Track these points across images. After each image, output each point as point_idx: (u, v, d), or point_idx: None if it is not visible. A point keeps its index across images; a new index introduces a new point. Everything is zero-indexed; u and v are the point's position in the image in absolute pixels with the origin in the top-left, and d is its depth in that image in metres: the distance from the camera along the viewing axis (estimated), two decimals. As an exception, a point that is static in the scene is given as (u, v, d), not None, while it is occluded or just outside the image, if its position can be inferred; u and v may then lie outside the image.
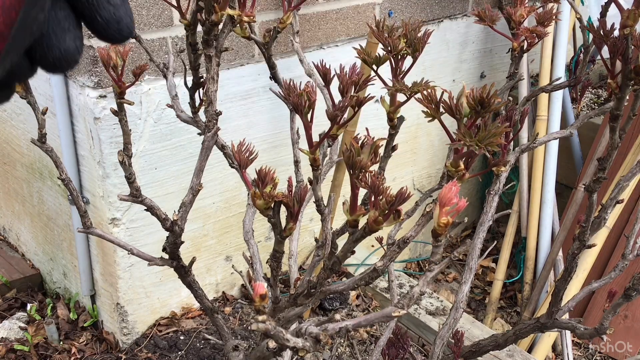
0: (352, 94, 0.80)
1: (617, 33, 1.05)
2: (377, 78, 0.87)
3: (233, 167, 1.40)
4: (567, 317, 1.52)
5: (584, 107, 2.98)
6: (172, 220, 1.14)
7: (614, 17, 1.12)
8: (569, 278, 1.31)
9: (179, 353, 2.05)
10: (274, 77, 1.68)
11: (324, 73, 0.84)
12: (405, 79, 0.89)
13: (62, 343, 2.13)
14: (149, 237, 1.96)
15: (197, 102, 1.31)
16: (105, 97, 1.73)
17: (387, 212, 0.70)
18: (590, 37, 1.12)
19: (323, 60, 0.87)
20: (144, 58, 1.73)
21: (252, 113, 2.04)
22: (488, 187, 1.35)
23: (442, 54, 2.49)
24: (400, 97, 0.93)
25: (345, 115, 0.79)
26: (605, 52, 1.08)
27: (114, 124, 1.75)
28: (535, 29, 1.18)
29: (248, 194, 1.42)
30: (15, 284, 2.37)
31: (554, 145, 2.52)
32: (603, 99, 3.02)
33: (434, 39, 2.42)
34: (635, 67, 1.03)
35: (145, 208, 1.15)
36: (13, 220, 2.50)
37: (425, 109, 0.71)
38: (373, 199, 0.71)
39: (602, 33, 1.06)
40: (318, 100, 0.80)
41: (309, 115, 0.78)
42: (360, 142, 0.73)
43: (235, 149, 0.84)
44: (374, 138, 0.74)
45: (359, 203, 0.77)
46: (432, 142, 2.65)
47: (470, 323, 2.23)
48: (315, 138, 0.81)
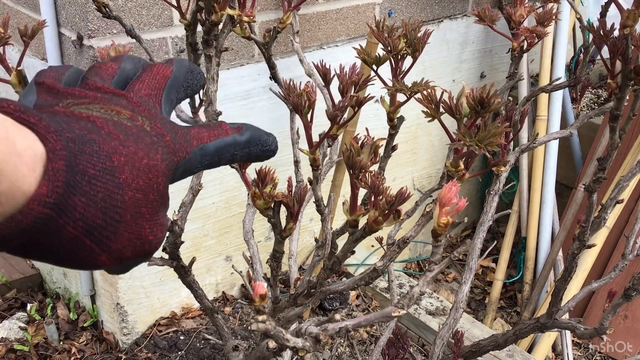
0: (352, 94, 0.80)
1: (617, 33, 1.05)
2: (377, 78, 0.87)
3: (233, 167, 1.40)
4: (567, 317, 1.52)
5: (584, 107, 2.98)
6: (172, 220, 1.14)
7: (614, 17, 1.12)
8: (569, 278, 1.31)
9: (179, 353, 2.05)
10: (274, 77, 1.68)
11: (324, 73, 0.84)
12: (405, 79, 0.89)
13: (62, 343, 2.13)
14: (149, 237, 1.96)
15: (197, 102, 1.31)
16: (105, 97, 1.73)
17: (387, 212, 0.70)
18: (590, 37, 1.12)
19: (323, 60, 0.87)
20: (144, 58, 1.73)
21: (252, 113, 2.04)
22: (488, 187, 1.35)
23: (442, 54, 2.49)
24: (400, 97, 0.93)
25: (345, 115, 0.79)
26: (605, 52, 1.08)
27: (114, 124, 1.75)
28: (535, 29, 1.18)
29: (248, 194, 1.42)
30: (15, 284, 2.37)
31: (554, 145, 2.52)
32: (603, 99, 3.02)
33: (434, 39, 2.42)
34: (635, 67, 1.03)
35: (145, 208, 1.15)
36: (13, 220, 2.50)
37: (425, 109, 0.71)
38: (373, 199, 0.71)
39: (602, 33, 1.06)
40: (318, 100, 0.80)
41: (309, 115, 0.78)
42: (360, 142, 0.73)
43: (235, 149, 0.84)
44: (374, 138, 0.74)
45: (359, 203, 0.77)
46: (432, 142, 2.65)
47: (470, 323, 2.23)
48: (315, 138, 0.81)
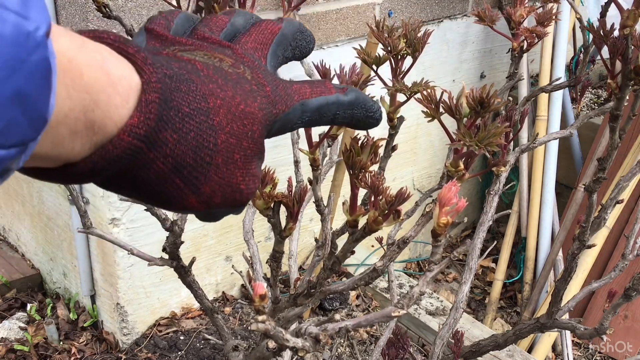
0: (352, 94, 0.80)
1: (617, 33, 1.05)
2: (376, 78, 0.87)
3: (233, 167, 1.40)
4: (567, 317, 1.52)
5: (584, 107, 2.98)
6: (172, 221, 1.15)
7: (614, 17, 1.12)
8: (569, 278, 1.31)
9: (179, 353, 2.05)
10: (274, 77, 1.67)
11: (324, 73, 0.84)
12: (405, 79, 0.89)
13: (62, 343, 2.13)
14: (149, 237, 1.96)
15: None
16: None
17: (387, 212, 0.70)
18: (590, 37, 1.12)
19: (323, 60, 0.87)
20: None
21: (252, 113, 2.04)
22: (488, 187, 1.35)
23: (442, 54, 2.49)
24: (400, 97, 0.93)
25: (345, 115, 0.79)
26: (605, 52, 1.08)
27: (114, 124, 1.75)
28: (535, 29, 1.18)
29: (248, 194, 1.42)
30: (15, 284, 2.37)
31: (554, 145, 2.52)
32: (603, 99, 3.02)
33: (434, 39, 2.42)
34: (635, 67, 1.03)
35: (145, 208, 1.15)
36: (13, 220, 2.50)
37: (425, 109, 0.71)
38: (373, 199, 0.71)
39: (602, 33, 1.06)
40: (318, 100, 0.80)
41: (309, 115, 0.78)
42: (360, 142, 0.73)
43: (235, 149, 0.84)
44: (374, 138, 0.74)
45: (359, 203, 0.77)
46: (432, 142, 2.65)
47: (470, 323, 2.23)
48: (315, 138, 0.81)
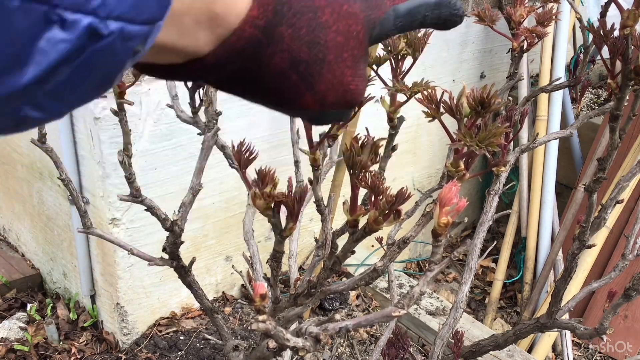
0: (352, 94, 0.80)
1: (617, 33, 1.05)
2: (377, 78, 0.87)
3: (233, 167, 1.40)
4: (567, 317, 1.52)
5: (584, 107, 2.98)
6: (172, 221, 1.14)
7: (614, 17, 1.12)
8: (569, 278, 1.31)
9: (179, 353, 2.05)
10: (274, 77, 1.68)
11: (324, 73, 0.84)
12: (406, 79, 0.89)
13: (62, 343, 2.13)
14: (149, 237, 1.96)
15: (197, 102, 1.31)
16: (105, 97, 1.73)
17: (387, 212, 0.70)
18: (590, 37, 1.12)
19: (323, 60, 0.87)
20: (144, 58, 1.73)
21: (252, 113, 2.04)
22: (488, 187, 1.35)
23: (442, 54, 2.49)
24: (401, 97, 0.93)
25: (346, 115, 0.79)
26: (605, 52, 1.08)
27: (114, 124, 1.75)
28: (535, 29, 1.18)
29: (248, 194, 1.42)
30: (15, 284, 2.37)
31: (554, 145, 2.52)
32: (603, 99, 3.02)
33: (434, 39, 2.41)
34: (635, 67, 1.03)
35: (145, 208, 1.15)
36: (13, 220, 2.50)
37: (426, 109, 0.71)
38: (373, 199, 0.71)
39: (602, 33, 1.06)
40: (318, 100, 0.80)
41: (309, 115, 0.78)
42: (361, 142, 0.73)
43: (235, 149, 0.84)
44: (374, 138, 0.74)
45: (359, 203, 0.77)
46: (432, 142, 2.65)
47: (470, 323, 2.23)
48: (315, 138, 0.81)
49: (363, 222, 0.77)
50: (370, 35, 0.46)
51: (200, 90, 1.28)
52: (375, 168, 0.80)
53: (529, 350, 2.34)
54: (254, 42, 0.39)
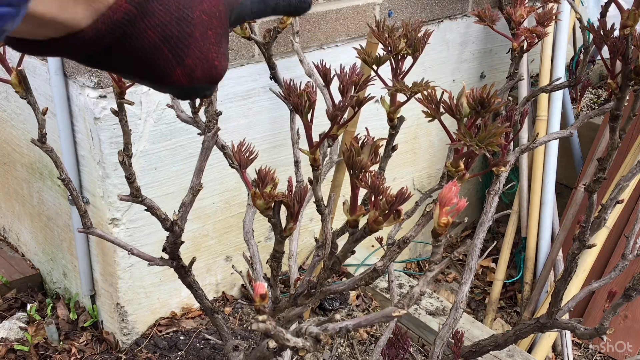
0: (352, 94, 0.80)
1: (617, 33, 1.05)
2: (377, 78, 0.87)
3: (233, 167, 1.40)
4: (567, 317, 1.52)
5: (584, 107, 2.98)
6: (172, 220, 1.15)
7: (614, 17, 1.12)
8: (569, 278, 1.31)
9: (179, 353, 2.05)
10: (274, 77, 1.68)
11: (324, 73, 0.84)
12: (406, 79, 0.89)
13: (62, 343, 2.13)
14: (149, 237, 1.96)
15: (197, 102, 1.31)
16: (105, 97, 1.73)
17: (387, 212, 0.70)
18: (590, 37, 1.12)
19: (323, 60, 0.87)
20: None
21: (252, 113, 2.04)
22: (488, 187, 1.35)
23: (442, 54, 2.49)
24: (401, 97, 0.93)
25: (345, 115, 0.79)
26: (605, 52, 1.08)
27: (114, 124, 1.75)
28: (535, 29, 1.18)
29: (248, 194, 1.42)
30: (15, 284, 2.37)
31: (554, 145, 2.52)
32: (603, 99, 3.03)
33: (434, 39, 2.42)
34: (635, 67, 1.03)
35: (145, 208, 1.15)
36: (13, 221, 2.50)
37: (426, 109, 0.71)
38: (373, 199, 0.71)
39: (602, 33, 1.06)
40: (318, 100, 0.80)
41: (309, 116, 0.78)
42: (361, 142, 0.73)
43: (235, 149, 0.84)
44: (374, 138, 0.74)
45: (359, 203, 0.77)
46: (432, 142, 2.65)
47: (470, 323, 2.23)
48: (315, 138, 0.81)
49: (363, 222, 0.77)
50: (230, 17, 0.51)
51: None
52: (375, 168, 0.80)
53: (529, 350, 2.34)
54: (130, 16, 0.43)
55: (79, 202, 1.19)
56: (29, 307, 2.29)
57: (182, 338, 2.10)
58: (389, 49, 0.89)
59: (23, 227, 2.44)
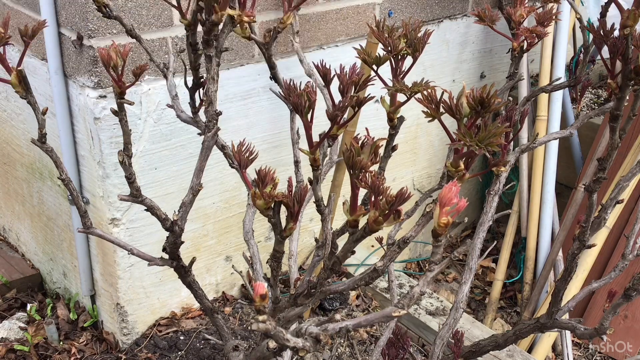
0: (352, 94, 0.80)
1: (617, 33, 1.05)
2: (377, 78, 0.87)
3: (233, 167, 1.40)
4: (567, 317, 1.52)
5: (584, 107, 2.98)
6: (172, 220, 1.15)
7: (614, 17, 1.12)
8: (569, 278, 1.31)
9: (179, 353, 2.05)
10: (274, 77, 1.68)
11: (324, 73, 0.84)
12: (406, 79, 0.90)
13: (62, 343, 2.13)
14: (149, 237, 1.96)
15: (197, 102, 1.31)
16: (105, 97, 1.73)
17: (387, 212, 0.70)
18: (590, 37, 1.12)
19: (323, 61, 0.87)
20: (144, 58, 1.73)
21: (252, 113, 2.04)
22: (488, 187, 1.35)
23: (442, 54, 2.49)
24: (400, 97, 0.93)
25: (345, 115, 0.79)
26: (605, 52, 1.08)
27: (114, 124, 1.75)
28: (535, 29, 1.18)
29: (248, 194, 1.42)
30: (15, 284, 2.37)
31: (554, 145, 2.52)
32: (603, 99, 3.02)
33: (434, 39, 2.42)
34: (635, 67, 1.03)
35: (145, 208, 1.15)
36: (13, 221, 2.50)
37: (426, 109, 0.71)
38: (373, 199, 0.71)
39: (602, 33, 1.06)
40: (318, 100, 0.80)
41: (309, 116, 0.78)
42: (360, 142, 0.73)
43: (235, 149, 0.84)
44: (374, 138, 0.74)
45: (359, 203, 0.77)
46: (432, 142, 2.65)
47: (470, 323, 2.23)
48: (315, 138, 0.81)
49: (363, 222, 0.77)
50: None
51: (200, 91, 1.28)
52: (375, 168, 0.80)
53: (529, 350, 2.34)
54: None
55: (79, 202, 1.19)
56: (29, 307, 2.29)
57: (182, 338, 2.10)
58: (389, 49, 0.89)
59: (23, 227, 2.44)
